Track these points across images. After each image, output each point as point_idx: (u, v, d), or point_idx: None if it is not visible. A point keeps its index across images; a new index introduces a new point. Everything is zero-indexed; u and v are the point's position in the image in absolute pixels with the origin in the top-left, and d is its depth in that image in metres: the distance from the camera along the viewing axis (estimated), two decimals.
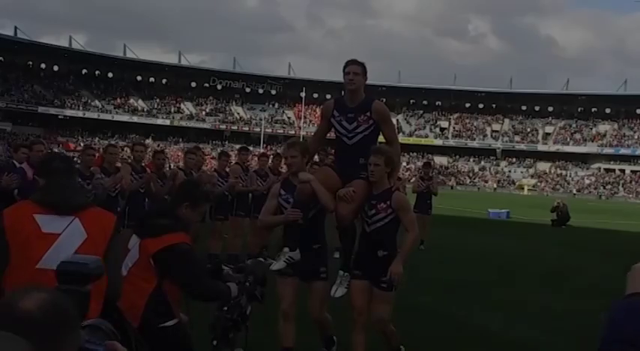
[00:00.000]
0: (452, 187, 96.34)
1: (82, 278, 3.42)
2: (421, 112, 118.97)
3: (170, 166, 42.68)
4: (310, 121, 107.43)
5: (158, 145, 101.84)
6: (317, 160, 12.01)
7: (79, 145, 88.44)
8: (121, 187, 11.18)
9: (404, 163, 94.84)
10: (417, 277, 14.45)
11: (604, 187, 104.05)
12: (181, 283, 4.95)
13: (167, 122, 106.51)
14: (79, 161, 12.91)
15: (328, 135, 7.83)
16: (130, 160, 12.73)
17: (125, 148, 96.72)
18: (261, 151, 63.14)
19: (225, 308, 5.23)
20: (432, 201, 19.06)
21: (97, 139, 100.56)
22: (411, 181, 18.87)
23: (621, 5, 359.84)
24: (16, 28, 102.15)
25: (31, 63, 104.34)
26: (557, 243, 23.84)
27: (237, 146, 22.98)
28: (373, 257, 7.08)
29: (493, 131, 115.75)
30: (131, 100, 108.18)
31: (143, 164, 12.48)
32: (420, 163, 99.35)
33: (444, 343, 9.24)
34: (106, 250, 3.80)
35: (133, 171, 11.62)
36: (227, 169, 14.15)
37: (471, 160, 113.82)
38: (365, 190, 7.13)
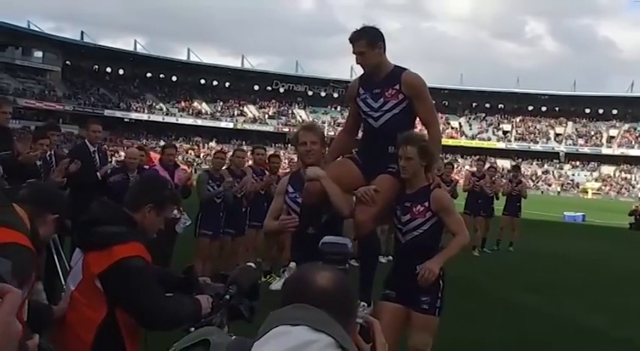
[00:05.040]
0: None
1: (343, 258, 3.81)
2: (484, 115, 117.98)
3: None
4: None
5: (221, 148, 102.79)
6: None
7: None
8: (246, 189, 11.54)
9: (466, 167, 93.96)
10: (517, 278, 14.77)
11: None
12: (131, 309, 3.75)
13: (230, 125, 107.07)
14: (210, 164, 13.28)
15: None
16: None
17: (189, 151, 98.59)
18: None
19: (192, 329, 3.52)
20: (522, 204, 19.24)
21: (161, 141, 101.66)
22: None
23: None
24: (82, 32, 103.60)
25: (97, 67, 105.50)
26: (638, 246, 23.85)
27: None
28: (410, 273, 5.66)
29: (556, 134, 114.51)
30: (195, 104, 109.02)
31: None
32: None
33: (553, 341, 9.56)
34: None
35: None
36: None
37: (534, 163, 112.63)
38: (393, 188, 5.78)
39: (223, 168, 11.70)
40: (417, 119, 6.11)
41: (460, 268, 5.91)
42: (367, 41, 5.78)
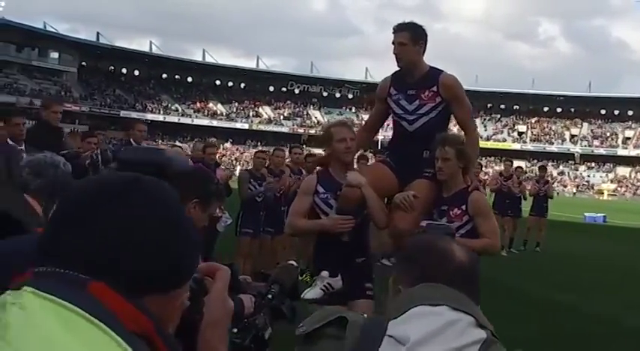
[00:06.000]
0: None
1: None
2: (499, 116, 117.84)
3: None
4: (388, 124, 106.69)
5: (237, 149, 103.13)
6: None
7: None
8: (285, 188, 11.70)
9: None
10: (547, 277, 14.81)
11: None
12: None
13: (245, 126, 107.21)
14: (251, 165, 13.37)
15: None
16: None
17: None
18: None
19: (235, 330, 3.25)
20: (549, 204, 19.27)
21: (177, 142, 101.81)
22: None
23: None
24: (98, 33, 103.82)
25: (112, 68, 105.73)
26: None
27: (315, 150, 22.92)
28: None
29: (572, 135, 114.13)
30: (210, 104, 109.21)
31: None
32: (498, 168, 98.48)
33: (592, 338, 9.60)
34: None
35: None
36: None
37: (550, 164, 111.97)
38: (431, 192, 5.58)
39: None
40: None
41: (489, 268, 5.77)
42: (411, 35, 5.64)
